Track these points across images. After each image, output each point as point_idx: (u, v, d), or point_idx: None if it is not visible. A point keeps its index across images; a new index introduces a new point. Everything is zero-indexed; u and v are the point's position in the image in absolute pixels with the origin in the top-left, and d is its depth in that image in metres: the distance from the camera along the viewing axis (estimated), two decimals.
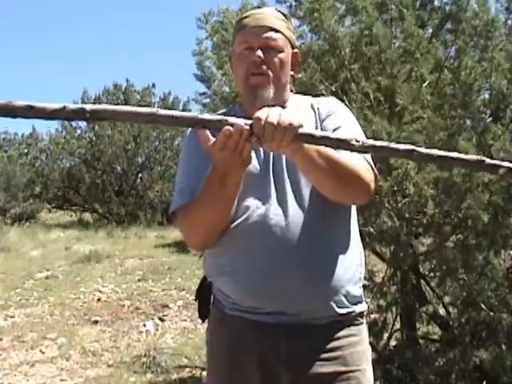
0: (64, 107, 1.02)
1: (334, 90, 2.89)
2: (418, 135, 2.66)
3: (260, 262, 1.35)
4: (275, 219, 1.36)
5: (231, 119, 1.12)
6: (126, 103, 15.83)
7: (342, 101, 1.67)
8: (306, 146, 1.22)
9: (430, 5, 3.18)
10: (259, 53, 1.41)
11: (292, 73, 1.51)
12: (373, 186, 1.38)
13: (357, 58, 3.00)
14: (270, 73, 1.42)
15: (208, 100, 3.54)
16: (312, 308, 1.37)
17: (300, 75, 2.80)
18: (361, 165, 1.35)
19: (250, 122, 1.14)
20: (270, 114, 1.14)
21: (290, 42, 1.47)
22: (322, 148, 1.24)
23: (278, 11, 1.50)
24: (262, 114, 1.15)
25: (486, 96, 3.05)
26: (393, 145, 1.10)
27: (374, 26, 2.89)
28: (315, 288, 1.36)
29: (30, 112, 1.01)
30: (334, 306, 1.39)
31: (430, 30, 3.16)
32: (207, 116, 1.10)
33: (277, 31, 1.43)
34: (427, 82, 2.87)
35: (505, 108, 2.99)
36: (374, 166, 1.42)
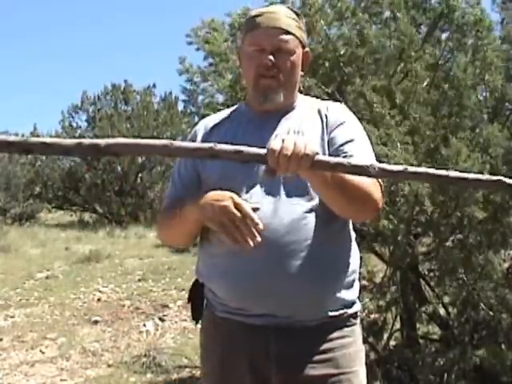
0: (80, 143, 1.02)
1: (329, 92, 2.89)
2: (407, 137, 2.66)
3: (250, 263, 1.34)
4: (266, 220, 1.33)
5: (247, 150, 1.09)
6: (126, 103, 15.86)
7: (339, 102, 1.67)
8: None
9: (423, 5, 3.17)
10: (271, 57, 1.39)
11: (302, 73, 1.50)
12: (381, 203, 1.37)
13: (351, 59, 3.00)
14: (281, 76, 1.41)
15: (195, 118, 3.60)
16: (301, 310, 1.36)
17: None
18: (371, 183, 1.33)
19: (264, 151, 1.11)
20: (284, 145, 1.11)
21: (301, 42, 1.46)
22: None
23: (290, 9, 1.48)
24: (276, 144, 1.11)
25: (482, 95, 3.05)
26: (410, 168, 1.07)
27: (363, 27, 2.89)
28: (305, 290, 1.34)
29: (45, 149, 1.02)
30: (325, 308, 1.38)
31: (424, 30, 3.16)
32: (223, 147, 1.07)
33: (289, 33, 1.41)
34: (422, 80, 2.87)
35: (501, 107, 2.99)
36: (381, 182, 1.40)
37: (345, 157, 1.34)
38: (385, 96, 2.79)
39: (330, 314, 1.39)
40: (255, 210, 1.26)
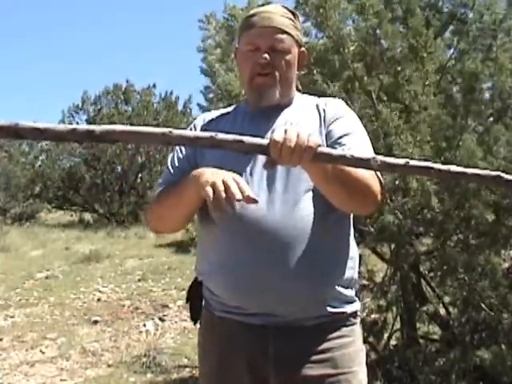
0: (74, 129, 0.98)
1: (336, 88, 2.88)
2: (424, 126, 2.65)
3: (247, 258, 1.33)
4: (261, 212, 1.33)
5: (248, 140, 1.07)
6: (127, 103, 15.86)
7: (345, 99, 1.66)
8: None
9: (435, 5, 3.17)
10: (265, 55, 1.40)
11: (298, 72, 1.50)
12: (380, 196, 1.36)
13: (361, 56, 2.99)
14: (276, 74, 1.42)
15: (211, 95, 3.53)
16: (300, 306, 1.36)
17: (302, 72, 2.80)
18: (370, 176, 1.32)
19: (266, 142, 1.10)
20: (287, 137, 1.10)
21: (296, 41, 1.46)
22: None
23: (286, 8, 1.48)
24: (278, 136, 1.10)
25: (488, 95, 3.04)
26: (411, 162, 1.07)
27: (381, 24, 2.87)
28: (303, 284, 1.34)
29: (38, 134, 0.97)
30: (323, 304, 1.37)
31: (434, 30, 3.15)
32: (224, 136, 1.06)
33: (284, 32, 1.42)
34: (431, 80, 2.86)
35: (507, 107, 2.99)
36: (380, 175, 1.40)
37: (342, 150, 1.33)
38: (391, 94, 2.79)
39: (330, 309, 1.38)
40: (254, 201, 1.24)
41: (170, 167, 1.53)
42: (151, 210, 1.48)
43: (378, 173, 1.38)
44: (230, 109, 1.57)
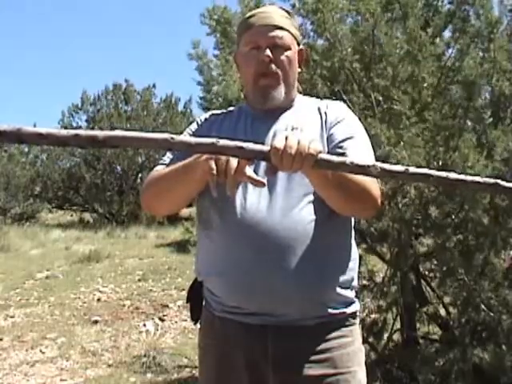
0: (77, 134, 0.98)
1: (335, 90, 2.89)
2: (418, 140, 2.66)
3: (245, 259, 1.34)
4: (261, 214, 1.34)
5: (249, 146, 1.07)
6: (127, 103, 15.86)
7: (344, 101, 1.67)
8: None
9: (433, 5, 3.17)
10: (268, 52, 1.41)
11: (299, 70, 1.51)
12: (380, 201, 1.36)
13: (358, 58, 2.99)
14: (280, 72, 1.43)
15: (206, 103, 3.51)
16: (300, 308, 1.36)
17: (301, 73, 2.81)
18: (370, 181, 1.32)
19: (267, 148, 1.10)
20: (288, 144, 1.10)
21: (295, 39, 1.47)
22: None
23: (282, 9, 1.50)
24: (279, 143, 1.10)
25: (487, 97, 3.04)
26: (411, 169, 1.08)
27: (378, 26, 2.87)
28: (304, 287, 1.34)
29: (40, 139, 0.96)
30: (323, 306, 1.38)
31: (433, 30, 3.15)
32: (225, 142, 1.06)
33: (283, 29, 1.43)
34: (428, 83, 2.86)
35: (505, 109, 2.99)
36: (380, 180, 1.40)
37: (343, 154, 1.34)
38: (388, 97, 2.79)
39: (329, 310, 1.38)
40: (262, 184, 1.24)
41: (175, 153, 1.49)
42: (149, 187, 1.44)
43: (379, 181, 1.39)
44: (234, 109, 1.58)
